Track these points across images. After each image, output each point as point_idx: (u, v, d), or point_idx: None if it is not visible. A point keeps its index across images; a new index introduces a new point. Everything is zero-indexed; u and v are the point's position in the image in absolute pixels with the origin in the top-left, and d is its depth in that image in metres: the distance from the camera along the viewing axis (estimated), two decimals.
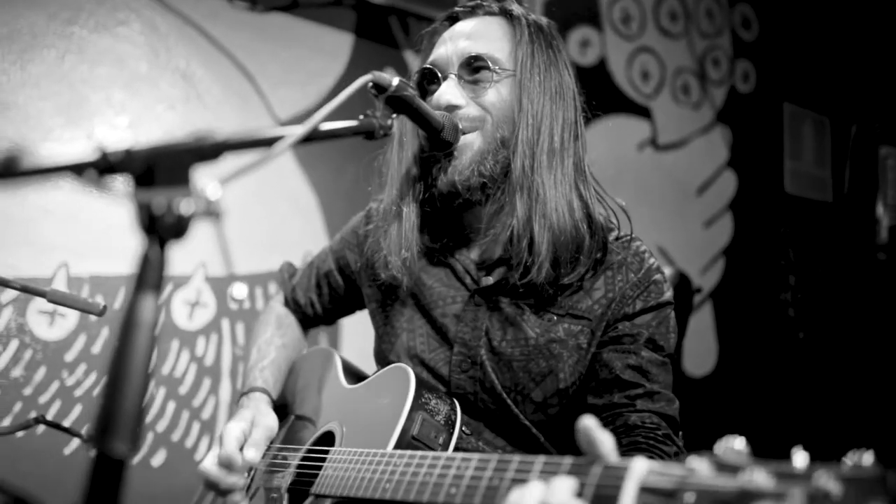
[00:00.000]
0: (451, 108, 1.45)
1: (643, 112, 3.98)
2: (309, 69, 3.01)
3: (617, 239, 1.55)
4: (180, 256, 2.69)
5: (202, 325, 2.74)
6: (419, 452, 1.17)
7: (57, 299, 1.69)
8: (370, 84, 1.27)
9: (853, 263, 4.65)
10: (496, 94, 1.48)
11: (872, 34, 4.70)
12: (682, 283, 2.48)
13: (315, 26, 3.06)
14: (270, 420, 1.53)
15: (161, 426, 2.62)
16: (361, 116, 1.25)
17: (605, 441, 0.88)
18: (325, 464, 1.39)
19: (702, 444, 1.42)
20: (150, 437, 2.60)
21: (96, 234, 2.53)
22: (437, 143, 1.46)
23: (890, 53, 4.63)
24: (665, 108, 4.06)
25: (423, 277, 1.59)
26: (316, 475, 1.39)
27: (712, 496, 0.72)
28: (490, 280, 1.52)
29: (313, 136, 1.10)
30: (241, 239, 2.83)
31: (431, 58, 1.54)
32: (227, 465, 1.40)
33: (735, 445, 0.75)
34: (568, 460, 0.91)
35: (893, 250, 4.54)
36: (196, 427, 2.69)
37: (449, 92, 1.47)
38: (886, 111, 4.69)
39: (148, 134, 2.64)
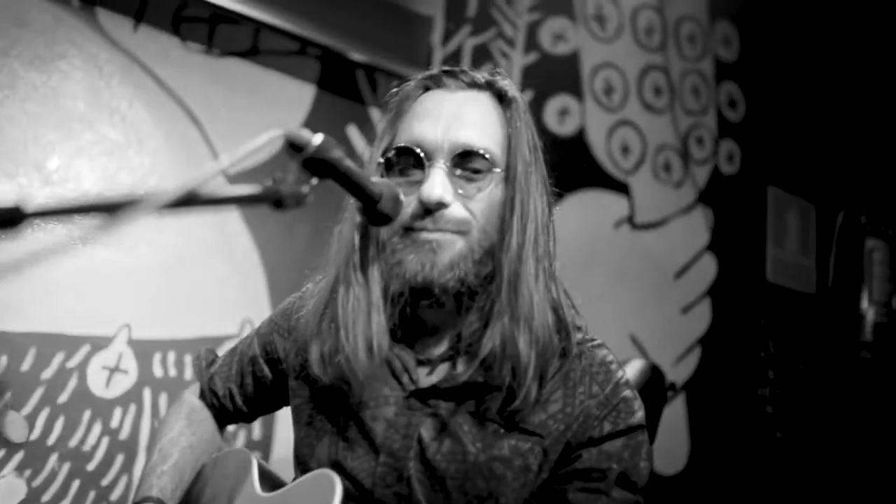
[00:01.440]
0: (439, 206, 1.25)
1: (621, 188, 3.82)
2: (264, 120, 2.80)
3: (580, 342, 1.35)
4: (101, 315, 2.44)
5: (120, 393, 2.47)
6: None
7: None
8: (286, 143, 1.05)
9: (836, 361, 4.50)
10: (487, 196, 1.29)
11: (863, 121, 4.63)
12: (655, 377, 2.29)
13: (275, 75, 2.87)
14: None
15: None
16: (270, 180, 1.03)
17: None
18: None
19: None
20: None
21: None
22: (373, 216, 1.22)
23: (880, 141, 4.56)
24: (645, 185, 3.89)
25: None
26: None
27: None
28: (432, 379, 1.32)
29: (190, 202, 0.86)
30: (171, 299, 2.57)
31: (415, 136, 1.31)
32: None
33: None
34: None
35: (878, 349, 4.39)
36: None
37: (440, 186, 1.25)
38: (874, 201, 4.60)
39: (77, 178, 2.41)
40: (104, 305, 2.45)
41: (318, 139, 1.06)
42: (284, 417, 2.60)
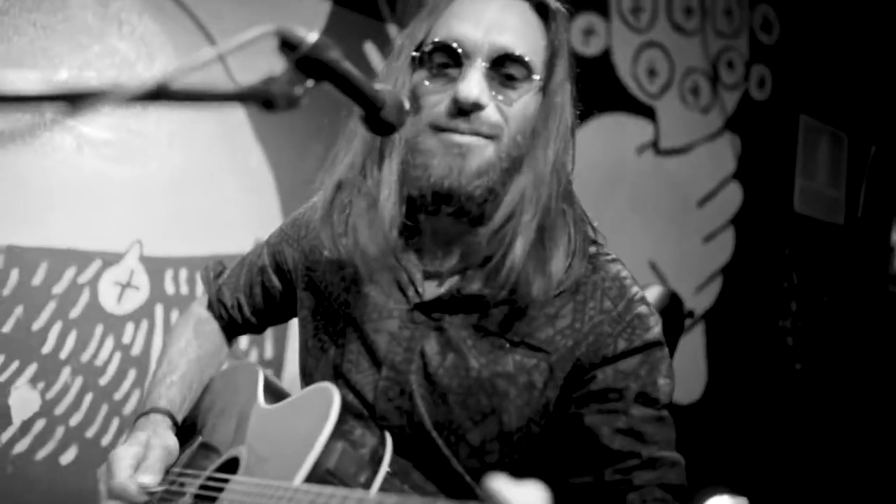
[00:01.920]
0: (475, 107, 1.19)
1: (647, 112, 3.71)
2: None
3: (595, 255, 1.30)
4: (113, 231, 2.42)
5: (132, 309, 2.46)
6: (330, 490, 0.95)
7: None
8: (278, 40, 1.00)
9: (862, 294, 4.42)
10: (522, 105, 1.23)
11: None
12: (674, 304, 2.26)
13: None
14: (169, 441, 1.30)
15: (75, 420, 2.35)
16: (261, 79, 0.97)
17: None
18: (221, 494, 1.17)
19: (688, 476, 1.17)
20: (60, 431, 2.32)
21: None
22: (376, 124, 1.16)
23: None
24: (671, 109, 3.78)
25: (360, 283, 1.34)
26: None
27: None
28: (440, 291, 1.28)
29: (164, 95, 0.81)
30: (182, 216, 2.55)
31: (454, 33, 1.23)
32: (119, 495, 1.18)
33: None
34: None
35: None
36: (115, 423, 2.41)
37: (478, 86, 1.19)
38: None
39: None
40: (115, 221, 2.43)
41: (312, 37, 0.99)
42: (295, 336, 2.61)
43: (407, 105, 1.16)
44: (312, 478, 1.07)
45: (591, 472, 1.19)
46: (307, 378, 1.42)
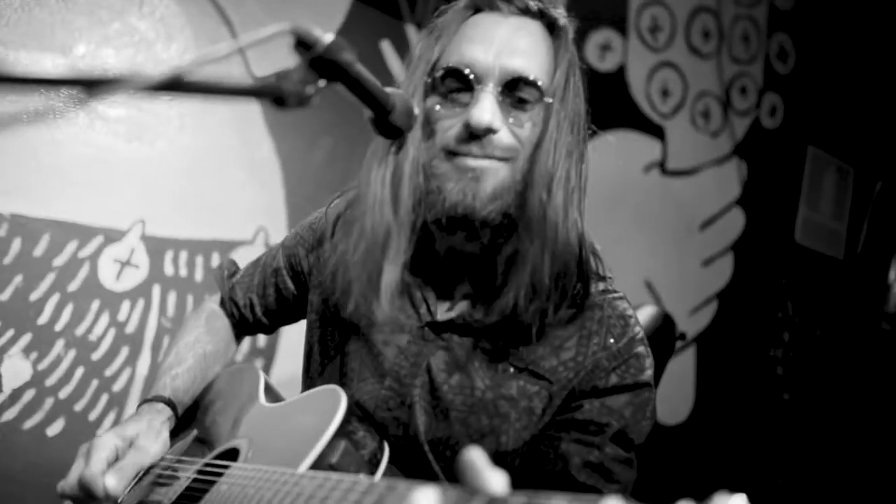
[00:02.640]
0: (487, 132, 1.20)
1: (656, 131, 3.72)
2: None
3: (602, 293, 1.32)
4: (117, 208, 2.44)
5: (130, 287, 2.47)
6: (336, 476, 0.95)
7: None
8: (294, 39, 1.01)
9: (855, 329, 4.42)
10: (532, 125, 1.24)
11: None
12: (666, 325, 2.27)
13: None
14: (154, 447, 1.30)
15: (64, 392, 2.36)
16: (274, 74, 0.99)
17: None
18: (220, 479, 1.19)
19: (666, 496, 1.21)
20: (49, 402, 2.34)
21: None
22: (385, 127, 1.18)
23: None
24: (681, 130, 3.79)
25: (371, 298, 1.36)
26: (206, 491, 1.19)
27: None
28: (452, 315, 1.31)
29: (176, 87, 0.83)
30: (187, 199, 2.56)
31: (465, 58, 1.25)
32: (85, 487, 1.18)
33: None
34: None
35: None
36: (104, 399, 2.43)
37: (490, 111, 1.21)
38: None
39: (102, 68, 2.37)
40: (121, 199, 2.44)
41: (328, 38, 1.00)
42: (287, 330, 2.63)
43: (416, 110, 1.18)
44: (315, 469, 1.08)
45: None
46: (309, 381, 1.45)
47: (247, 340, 2.70)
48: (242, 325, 1.64)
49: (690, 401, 3.88)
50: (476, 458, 0.70)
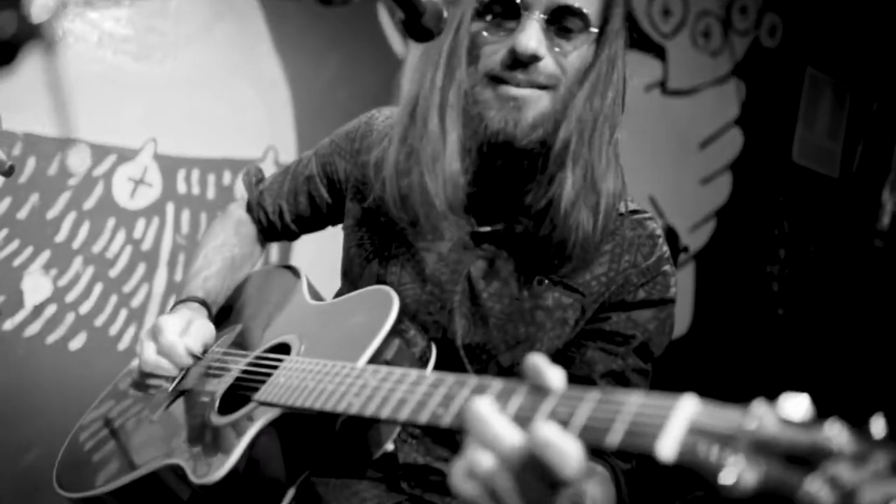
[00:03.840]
0: (532, 59, 1.21)
1: (657, 51, 3.71)
2: None
3: (633, 213, 1.38)
4: (128, 127, 2.46)
5: (144, 205, 2.51)
6: (399, 370, 0.98)
7: None
8: None
9: (848, 246, 4.49)
10: (578, 56, 1.25)
11: None
12: (670, 239, 2.32)
13: None
14: (211, 329, 1.39)
15: (85, 308, 2.42)
16: None
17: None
18: (276, 371, 1.21)
19: None
20: (70, 317, 2.40)
21: None
22: (415, 29, 1.20)
23: None
24: (681, 50, 3.79)
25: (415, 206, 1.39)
26: (262, 382, 1.21)
27: (778, 448, 0.59)
28: (492, 228, 1.35)
29: None
30: (197, 118, 2.57)
31: None
32: (167, 353, 1.28)
33: (799, 401, 0.63)
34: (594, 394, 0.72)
35: (892, 239, 4.38)
36: (123, 314, 2.49)
37: (536, 38, 1.21)
38: None
39: None
40: (132, 118, 2.46)
41: None
42: (299, 246, 2.67)
43: (445, 14, 1.20)
44: (372, 364, 1.12)
45: None
46: (350, 284, 1.48)
47: None
48: (270, 232, 1.67)
49: (689, 316, 3.98)
50: (539, 359, 0.74)
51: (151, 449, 1.26)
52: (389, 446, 1.20)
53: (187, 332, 1.32)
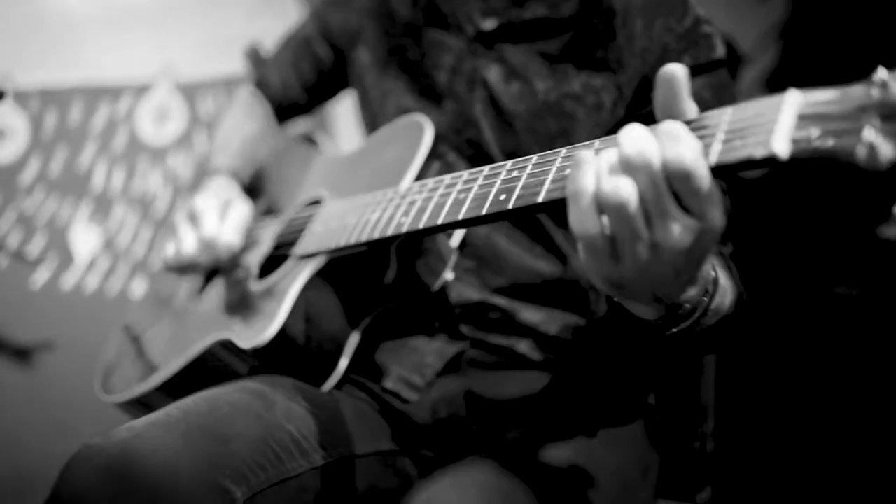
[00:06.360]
0: None
1: None
2: None
3: None
4: (140, 61, 2.36)
5: (173, 138, 2.41)
6: (447, 176, 0.89)
7: None
8: None
9: None
10: None
11: None
12: (728, 51, 2.12)
13: None
14: (249, 204, 1.27)
15: (138, 254, 2.35)
16: None
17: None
18: (310, 224, 1.13)
19: None
20: (124, 267, 2.33)
21: None
22: None
23: None
24: None
25: (419, 27, 1.29)
26: (297, 239, 1.13)
27: None
28: (498, 21, 1.21)
29: None
30: (207, 39, 2.44)
31: None
32: (209, 245, 1.16)
33: None
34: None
35: None
36: None
37: None
38: None
39: None
40: (141, 51, 2.35)
41: None
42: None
43: None
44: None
45: None
46: (371, 126, 1.37)
47: None
48: (280, 110, 1.56)
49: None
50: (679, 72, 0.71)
51: (195, 332, 1.17)
52: (449, 275, 1.06)
53: (226, 216, 1.20)
